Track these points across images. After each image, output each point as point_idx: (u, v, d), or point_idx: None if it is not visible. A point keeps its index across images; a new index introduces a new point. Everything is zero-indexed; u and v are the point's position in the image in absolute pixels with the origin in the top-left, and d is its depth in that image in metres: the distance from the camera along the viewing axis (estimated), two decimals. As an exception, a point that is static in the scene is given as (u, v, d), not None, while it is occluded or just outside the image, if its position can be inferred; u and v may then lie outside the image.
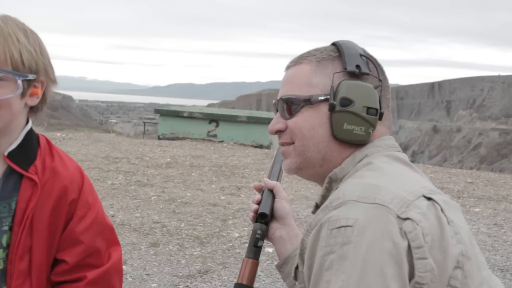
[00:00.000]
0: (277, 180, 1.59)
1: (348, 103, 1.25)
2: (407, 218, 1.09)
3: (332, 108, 1.26)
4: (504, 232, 6.12)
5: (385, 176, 1.19)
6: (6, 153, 1.36)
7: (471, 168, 35.39)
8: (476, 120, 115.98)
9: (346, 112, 1.25)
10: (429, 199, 1.16)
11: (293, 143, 1.32)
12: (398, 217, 1.09)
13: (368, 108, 1.26)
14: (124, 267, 4.52)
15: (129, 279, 4.35)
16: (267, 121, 13.12)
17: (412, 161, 1.37)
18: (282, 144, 1.36)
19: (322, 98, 1.28)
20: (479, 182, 8.90)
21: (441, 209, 1.16)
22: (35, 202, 1.36)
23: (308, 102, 1.28)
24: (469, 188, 8.40)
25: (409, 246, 1.07)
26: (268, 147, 12.70)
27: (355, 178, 1.21)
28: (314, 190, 7.54)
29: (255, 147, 12.62)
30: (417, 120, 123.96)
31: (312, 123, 1.29)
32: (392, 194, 1.12)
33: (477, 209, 7.04)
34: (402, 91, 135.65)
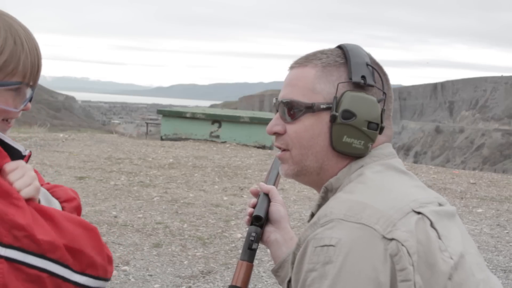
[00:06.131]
0: (273, 185, 1.59)
1: (350, 116, 1.24)
2: (392, 239, 1.09)
3: (333, 120, 1.25)
4: (507, 232, 6.10)
5: (374, 190, 1.19)
6: None
7: (474, 169, 35.33)
8: (479, 120, 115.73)
9: (347, 125, 1.25)
10: (419, 213, 1.15)
11: (288, 150, 1.32)
12: (384, 237, 1.09)
13: (369, 122, 1.25)
14: (126, 267, 4.52)
15: (132, 279, 4.35)
16: (269, 121, 13.08)
17: (415, 162, 1.38)
18: (278, 147, 1.37)
19: (324, 106, 1.27)
20: (482, 183, 8.88)
21: (431, 223, 1.15)
22: None
23: (310, 109, 1.28)
24: (472, 188, 8.38)
25: (393, 269, 1.07)
26: (270, 148, 12.69)
27: (344, 193, 1.21)
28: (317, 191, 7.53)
29: (258, 147, 12.61)
30: (419, 120, 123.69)
31: (312, 133, 1.28)
32: (379, 214, 1.12)
33: (480, 210, 7.02)
34: (405, 92, 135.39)
